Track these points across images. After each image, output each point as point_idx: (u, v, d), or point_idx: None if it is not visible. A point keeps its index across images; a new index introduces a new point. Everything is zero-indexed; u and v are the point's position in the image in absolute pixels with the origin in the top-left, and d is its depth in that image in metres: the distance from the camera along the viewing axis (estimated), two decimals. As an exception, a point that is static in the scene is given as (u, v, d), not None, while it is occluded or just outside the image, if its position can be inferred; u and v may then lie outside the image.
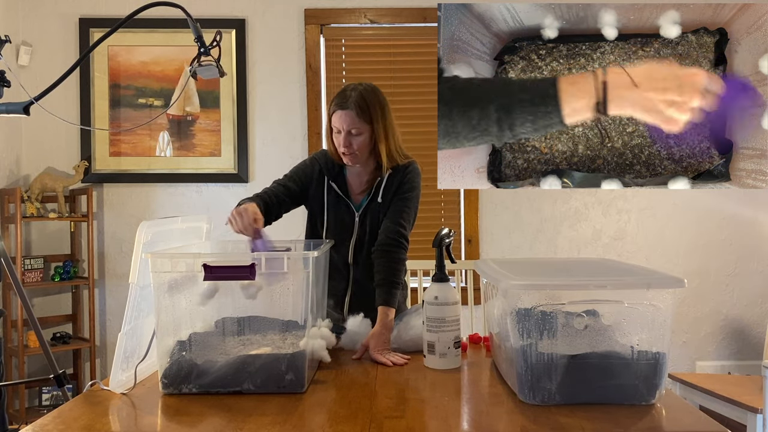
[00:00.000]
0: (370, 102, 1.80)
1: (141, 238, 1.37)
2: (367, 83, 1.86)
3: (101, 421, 1.21)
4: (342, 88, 1.85)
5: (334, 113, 1.81)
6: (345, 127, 1.79)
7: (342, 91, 1.83)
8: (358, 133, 1.80)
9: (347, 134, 1.80)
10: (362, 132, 1.80)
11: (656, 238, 3.50)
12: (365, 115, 1.79)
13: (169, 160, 3.44)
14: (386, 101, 1.86)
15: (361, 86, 1.83)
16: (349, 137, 1.80)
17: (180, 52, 3.42)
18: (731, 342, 3.51)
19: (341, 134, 1.80)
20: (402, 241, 1.84)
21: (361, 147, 1.81)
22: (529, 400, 1.26)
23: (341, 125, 1.79)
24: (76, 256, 3.43)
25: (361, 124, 1.79)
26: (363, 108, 1.79)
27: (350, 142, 1.80)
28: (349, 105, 1.78)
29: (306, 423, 1.18)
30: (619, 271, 1.48)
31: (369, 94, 1.81)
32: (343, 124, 1.79)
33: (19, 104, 1.59)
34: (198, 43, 1.57)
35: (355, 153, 1.82)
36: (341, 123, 1.79)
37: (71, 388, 3.12)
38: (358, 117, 1.78)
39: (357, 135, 1.80)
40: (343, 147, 1.81)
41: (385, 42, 3.51)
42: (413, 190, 1.90)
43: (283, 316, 1.43)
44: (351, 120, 1.78)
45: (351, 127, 1.79)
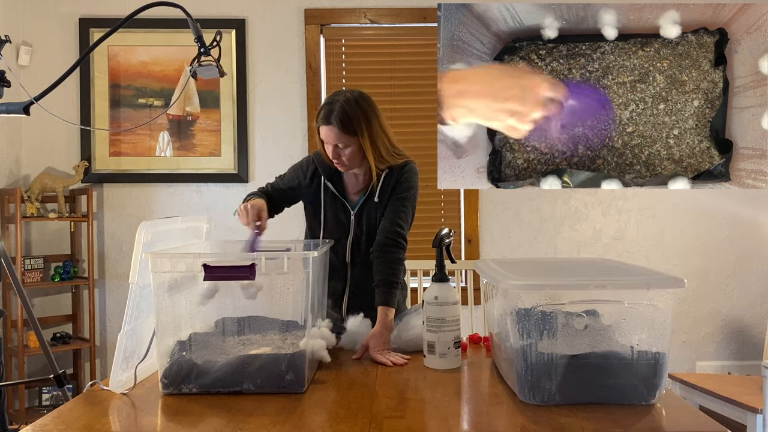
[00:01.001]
0: (353, 115, 1.77)
1: (141, 238, 1.37)
2: (352, 91, 1.84)
3: (101, 421, 1.21)
4: (327, 99, 1.83)
5: (320, 126, 1.81)
6: (331, 141, 1.80)
7: (326, 102, 1.81)
8: (344, 146, 1.80)
9: (335, 147, 1.81)
10: (349, 144, 1.80)
11: (656, 238, 3.50)
12: (349, 129, 1.78)
13: (169, 160, 3.44)
14: (372, 108, 1.82)
15: (344, 96, 1.80)
16: (337, 150, 1.81)
17: (180, 52, 3.42)
18: (731, 342, 3.51)
19: (330, 146, 1.82)
20: (400, 240, 1.85)
21: (351, 157, 1.82)
22: (529, 400, 1.26)
23: (327, 139, 1.81)
24: (76, 256, 3.43)
25: (346, 138, 1.78)
26: (345, 122, 1.77)
27: (339, 154, 1.81)
28: (332, 120, 1.77)
29: (306, 423, 1.18)
30: (619, 271, 1.48)
31: (351, 106, 1.78)
32: (329, 138, 1.80)
33: (19, 104, 1.59)
34: (198, 43, 1.57)
35: (346, 163, 1.83)
36: (327, 137, 1.80)
37: (71, 388, 3.13)
38: (342, 132, 1.77)
39: (344, 148, 1.81)
40: (333, 158, 1.83)
41: (385, 42, 3.51)
42: (410, 190, 1.90)
43: (283, 316, 1.43)
44: (336, 135, 1.78)
45: (337, 142, 1.80)
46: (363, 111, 1.80)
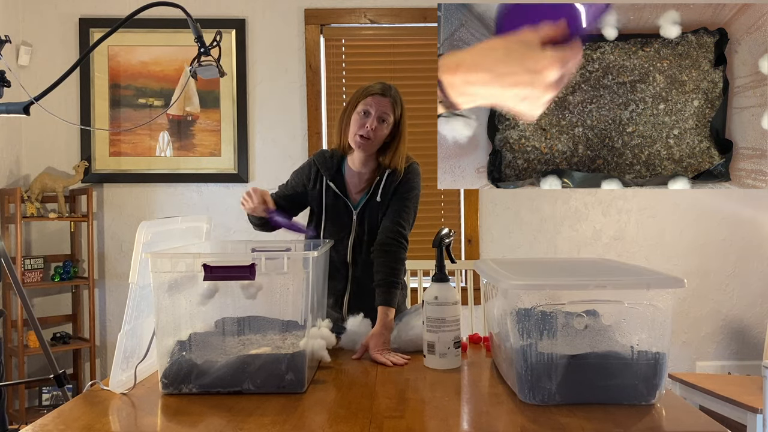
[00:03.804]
0: (402, 102, 1.91)
1: (141, 238, 1.37)
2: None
3: (101, 421, 1.21)
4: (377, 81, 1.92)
5: (369, 95, 1.87)
6: (380, 110, 1.85)
7: (378, 82, 1.91)
8: (385, 120, 1.86)
9: (376, 118, 1.85)
10: (388, 121, 1.87)
11: (656, 238, 3.50)
12: (398, 108, 1.88)
13: (169, 160, 3.44)
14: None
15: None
16: (379, 120, 1.86)
17: (180, 52, 3.42)
18: (731, 342, 3.51)
19: (369, 117, 1.85)
20: (401, 240, 1.85)
21: (380, 136, 1.87)
22: (529, 400, 1.26)
23: (374, 108, 1.85)
24: (76, 256, 3.43)
25: (392, 113, 1.87)
26: (398, 102, 1.89)
27: (375, 126, 1.85)
28: (390, 94, 1.87)
29: (306, 423, 1.18)
30: (619, 271, 1.48)
31: (399, 95, 1.92)
32: (378, 106, 1.85)
33: (19, 104, 1.59)
34: (198, 43, 1.57)
35: (372, 139, 1.85)
36: (376, 106, 1.85)
37: (71, 388, 3.13)
38: (392, 107, 1.87)
39: (383, 122, 1.86)
40: (367, 127, 1.85)
41: (385, 42, 3.51)
42: (412, 190, 1.91)
43: (283, 316, 1.43)
44: (386, 106, 1.86)
45: (383, 112, 1.85)
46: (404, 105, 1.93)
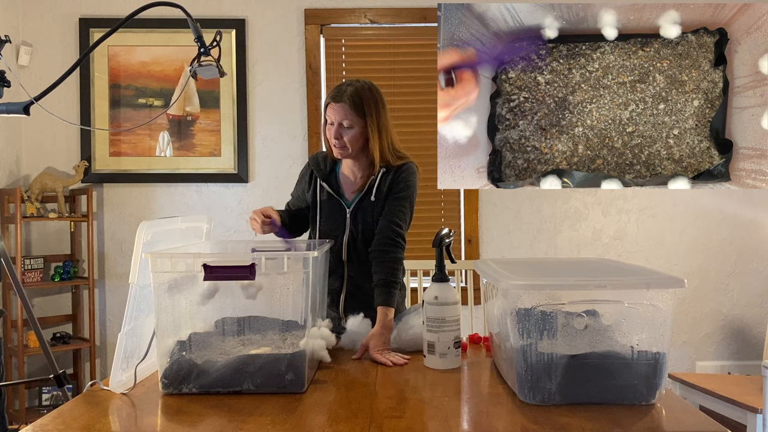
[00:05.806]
0: (365, 98, 1.84)
1: (141, 238, 1.37)
2: (366, 81, 1.90)
3: (101, 421, 1.21)
4: (340, 83, 1.89)
5: (328, 105, 1.86)
6: (337, 119, 1.83)
7: (339, 85, 1.88)
8: (349, 126, 1.83)
9: (339, 126, 1.83)
10: (353, 125, 1.83)
11: (656, 238, 3.50)
12: (358, 109, 1.83)
13: (169, 160, 3.44)
14: (383, 100, 1.89)
15: (359, 83, 1.87)
16: (341, 129, 1.84)
17: (180, 52, 3.42)
18: (731, 342, 3.51)
19: (333, 126, 1.84)
20: (398, 240, 1.85)
21: (352, 140, 1.84)
22: (529, 400, 1.26)
23: (334, 117, 1.84)
24: (76, 256, 3.43)
25: (353, 117, 1.83)
26: (356, 103, 1.82)
27: (341, 134, 1.84)
28: (343, 98, 1.82)
29: (306, 423, 1.18)
30: (619, 271, 1.48)
31: (364, 91, 1.85)
32: (336, 115, 1.83)
33: (19, 104, 1.59)
34: (198, 43, 1.57)
35: (345, 145, 1.85)
36: (334, 115, 1.83)
37: (71, 388, 3.12)
38: (351, 110, 1.82)
39: (348, 128, 1.84)
40: (333, 138, 1.85)
41: (385, 42, 3.51)
42: (407, 189, 1.90)
43: (283, 316, 1.43)
44: (343, 112, 1.82)
45: (343, 119, 1.83)
46: (375, 99, 1.86)
